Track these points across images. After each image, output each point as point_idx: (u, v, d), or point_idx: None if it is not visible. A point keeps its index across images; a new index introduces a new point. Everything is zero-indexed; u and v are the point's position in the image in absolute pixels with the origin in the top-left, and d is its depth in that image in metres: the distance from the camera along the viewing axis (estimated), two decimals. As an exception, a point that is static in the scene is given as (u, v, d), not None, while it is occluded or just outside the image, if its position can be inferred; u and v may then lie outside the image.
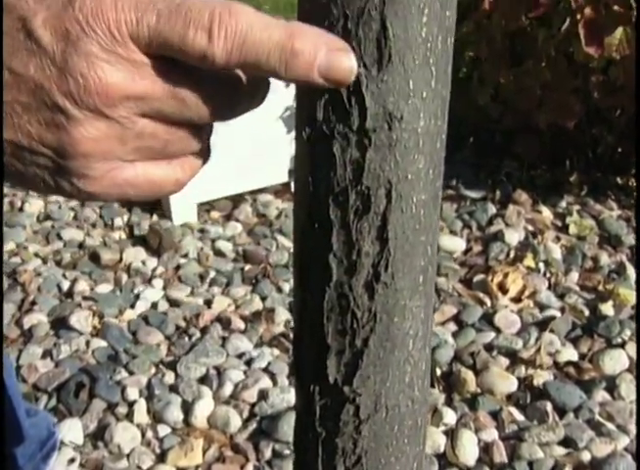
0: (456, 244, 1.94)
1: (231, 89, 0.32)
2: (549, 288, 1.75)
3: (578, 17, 1.66)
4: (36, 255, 1.89)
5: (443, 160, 0.38)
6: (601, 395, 1.39)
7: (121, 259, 1.86)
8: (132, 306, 1.69)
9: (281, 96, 2.09)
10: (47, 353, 1.55)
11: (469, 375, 1.45)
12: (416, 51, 0.34)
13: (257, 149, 2.10)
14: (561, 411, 1.36)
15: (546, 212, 2.09)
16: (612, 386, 1.41)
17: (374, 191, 0.35)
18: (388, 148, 0.35)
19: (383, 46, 0.33)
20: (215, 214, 2.08)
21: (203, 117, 0.32)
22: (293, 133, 2.41)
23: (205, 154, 0.35)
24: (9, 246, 1.91)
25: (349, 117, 0.34)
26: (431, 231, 0.38)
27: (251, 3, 0.31)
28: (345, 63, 0.32)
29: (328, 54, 0.31)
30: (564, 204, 2.13)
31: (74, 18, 0.29)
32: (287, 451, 1.33)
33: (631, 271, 1.80)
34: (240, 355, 1.55)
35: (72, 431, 1.36)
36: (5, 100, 0.30)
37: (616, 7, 1.66)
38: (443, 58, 0.35)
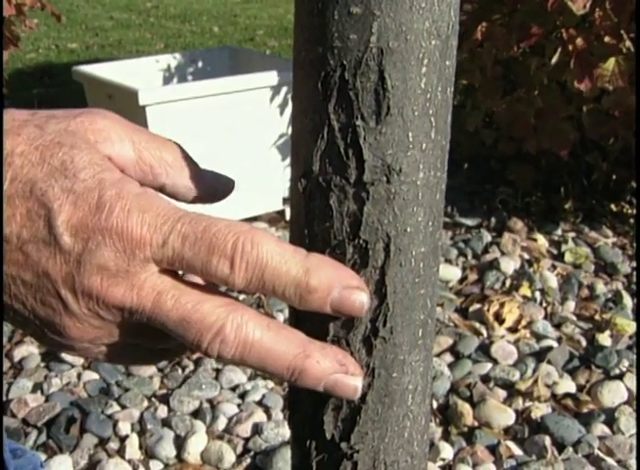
0: (452, 273, 1.92)
1: None
2: (545, 317, 1.74)
3: (570, 47, 1.67)
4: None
5: (443, 210, 0.37)
6: (600, 428, 1.37)
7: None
8: (124, 338, 1.67)
9: (275, 124, 2.09)
10: (37, 387, 1.53)
11: (465, 408, 1.43)
12: (415, 102, 0.33)
13: (251, 176, 2.09)
14: (560, 446, 1.34)
15: (541, 240, 2.08)
16: (611, 419, 1.39)
17: (372, 245, 0.34)
18: (387, 201, 0.34)
19: (381, 98, 0.32)
20: (209, 243, 2.07)
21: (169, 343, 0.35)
22: (287, 161, 2.40)
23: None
24: None
25: (347, 169, 0.33)
26: (430, 284, 0.37)
27: (246, 24, 0.30)
28: (357, 300, 0.33)
29: (341, 291, 0.32)
30: (559, 231, 2.13)
31: (99, 227, 0.30)
32: (281, 488, 1.31)
33: (628, 300, 1.78)
34: (234, 388, 1.53)
35: (63, 467, 1.33)
36: (7, 273, 0.31)
37: (607, 38, 1.67)
38: (443, 108, 0.34)
